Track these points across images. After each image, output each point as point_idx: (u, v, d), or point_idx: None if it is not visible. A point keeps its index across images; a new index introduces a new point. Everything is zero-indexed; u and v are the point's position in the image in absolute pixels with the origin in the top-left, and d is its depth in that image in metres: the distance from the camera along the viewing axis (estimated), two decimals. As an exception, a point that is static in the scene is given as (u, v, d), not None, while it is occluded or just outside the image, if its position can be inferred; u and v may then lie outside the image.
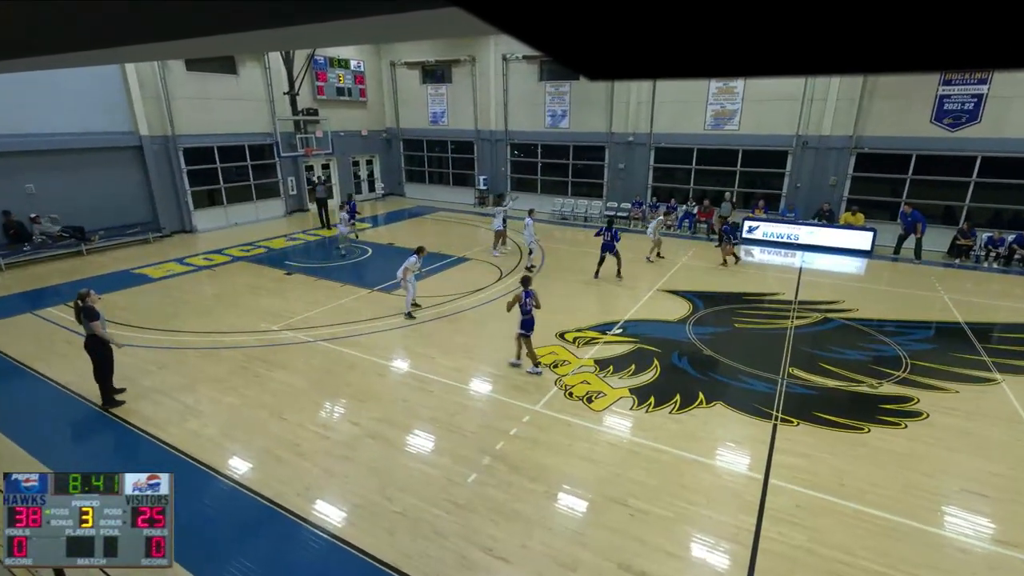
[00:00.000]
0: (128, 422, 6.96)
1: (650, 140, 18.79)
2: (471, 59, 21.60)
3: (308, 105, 20.66)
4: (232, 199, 18.95)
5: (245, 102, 18.73)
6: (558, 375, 8.09)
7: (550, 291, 12.02)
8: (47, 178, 14.45)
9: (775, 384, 7.87)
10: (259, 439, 6.58)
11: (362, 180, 24.49)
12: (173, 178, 17.11)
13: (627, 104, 18.90)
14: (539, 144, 21.33)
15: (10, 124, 13.62)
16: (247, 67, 18.74)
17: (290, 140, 19.81)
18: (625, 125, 19.10)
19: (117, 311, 10.64)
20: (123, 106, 15.76)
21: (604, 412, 7.10)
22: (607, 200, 20.07)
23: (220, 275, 13.38)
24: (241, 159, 19.09)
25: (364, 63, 22.96)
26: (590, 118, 19.79)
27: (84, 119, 14.95)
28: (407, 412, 7.15)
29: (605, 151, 19.84)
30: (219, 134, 18.07)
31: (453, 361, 8.59)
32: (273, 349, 9.12)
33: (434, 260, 14.40)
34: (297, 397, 7.56)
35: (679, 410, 7.15)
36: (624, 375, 8.06)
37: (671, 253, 15.33)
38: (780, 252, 15.73)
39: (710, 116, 17.67)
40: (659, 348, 8.99)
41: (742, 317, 10.43)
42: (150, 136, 16.31)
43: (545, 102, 20.59)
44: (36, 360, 8.65)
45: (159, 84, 16.30)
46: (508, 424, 6.83)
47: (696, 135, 17.95)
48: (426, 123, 23.79)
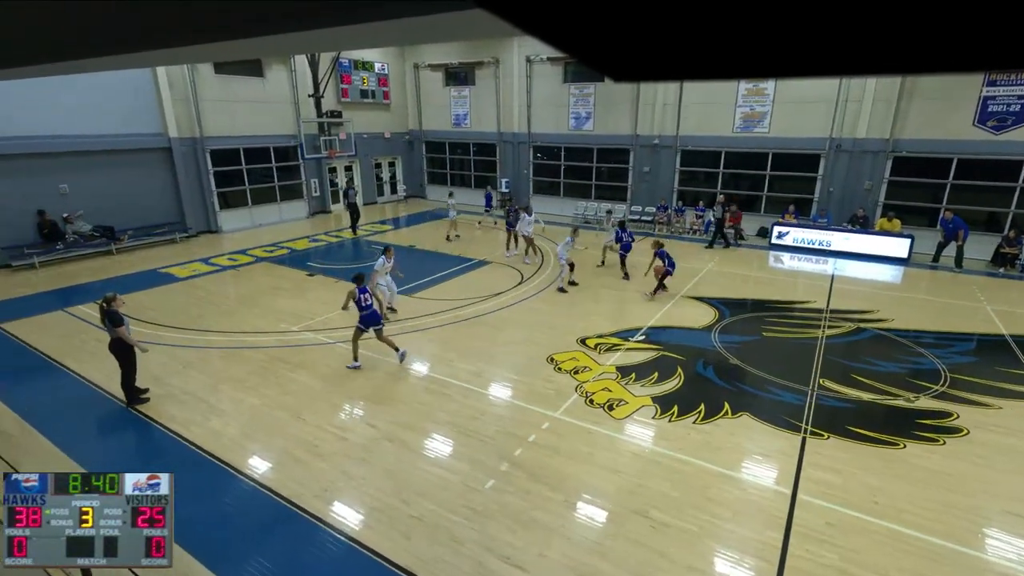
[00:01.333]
0: (153, 420, 7.15)
1: (676, 143, 18.61)
2: (495, 61, 21.73)
3: (332, 107, 21.04)
4: (256, 200, 19.39)
5: (271, 104, 19.17)
6: (578, 381, 8.04)
7: (571, 296, 11.97)
8: (79, 178, 15.00)
9: (805, 396, 7.69)
10: (278, 439, 6.69)
11: (384, 182, 24.80)
12: (200, 179, 17.59)
13: (653, 106, 18.76)
14: (562, 147, 21.30)
15: (46, 126, 14.19)
16: (273, 70, 19.18)
17: (314, 142, 20.18)
18: (651, 127, 18.96)
19: (145, 310, 10.96)
20: (153, 108, 16.28)
21: (626, 420, 7.03)
22: (631, 203, 19.93)
23: (243, 275, 13.68)
24: (266, 161, 19.53)
25: (388, 65, 23.29)
26: (615, 120, 19.70)
27: (116, 121, 15.49)
28: (424, 416, 7.19)
29: (630, 154, 19.71)
30: (245, 136, 18.52)
31: (472, 365, 8.62)
32: (293, 350, 9.27)
33: (454, 263, 14.48)
34: (316, 398, 7.67)
35: (704, 420, 7.04)
36: (647, 383, 7.98)
37: (697, 258, 15.12)
38: (811, 259, 15.39)
39: (739, 118, 17.42)
40: (683, 356, 8.88)
41: (770, 325, 10.24)
42: (179, 138, 16.81)
43: (569, 104, 20.57)
44: (67, 356, 8.96)
45: (188, 87, 16.80)
46: (527, 430, 6.81)
47: (724, 138, 17.71)
48: (449, 125, 23.99)
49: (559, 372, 8.35)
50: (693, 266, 14.31)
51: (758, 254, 15.78)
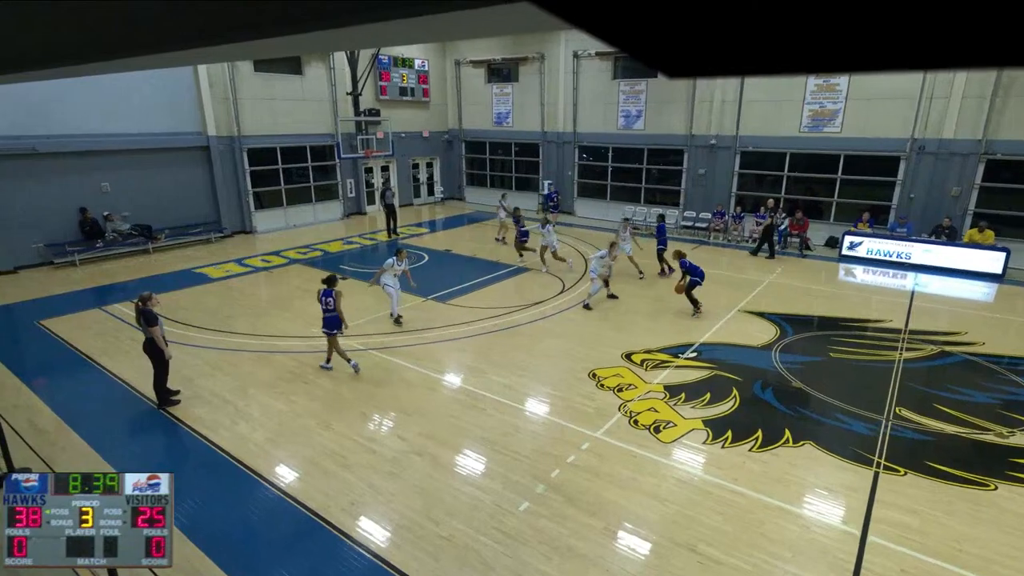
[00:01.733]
0: (182, 421, 7.47)
1: (736, 143, 18.21)
2: (539, 56, 21.87)
3: (370, 105, 21.64)
4: (291, 201, 20.10)
5: (308, 102, 19.89)
6: (623, 400, 7.93)
7: (617, 307, 11.84)
8: (120, 177, 15.94)
9: (878, 425, 7.35)
10: (305, 448, 6.87)
11: (421, 183, 25.26)
12: (236, 179, 18.40)
13: (710, 103, 18.45)
14: (610, 147, 21.19)
15: (89, 124, 15.17)
16: (312, 67, 19.91)
17: (350, 141, 20.79)
18: (708, 126, 18.63)
19: (179, 310, 11.50)
20: (193, 107, 17.17)
21: (673, 444, 6.90)
22: (684, 209, 19.59)
23: (276, 277, 14.18)
24: (302, 160, 20.24)
25: (428, 62, 23.79)
26: (668, 119, 19.47)
27: (157, 120, 16.41)
28: (456, 430, 7.24)
29: (684, 155, 19.42)
30: (282, 135, 19.27)
31: (507, 378, 8.63)
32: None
33: (491, 270, 14.57)
34: (344, 407, 7.84)
35: (760, 448, 6.82)
36: (698, 404, 7.81)
37: (757, 269, 14.71)
38: (887, 273, 14.73)
39: (807, 116, 16.91)
40: (739, 376, 8.66)
41: (839, 346, 9.87)
42: (217, 136, 17.64)
43: (619, 101, 20.46)
44: (102, 355, 9.50)
45: (228, 85, 17.63)
46: (565, 450, 6.76)
47: (790, 138, 17.22)
48: (490, 124, 24.26)
49: (601, 389, 8.27)
50: (752, 278, 13.95)
51: (826, 266, 15.27)
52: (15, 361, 9.40)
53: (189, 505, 5.83)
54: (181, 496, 5.87)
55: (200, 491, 6.08)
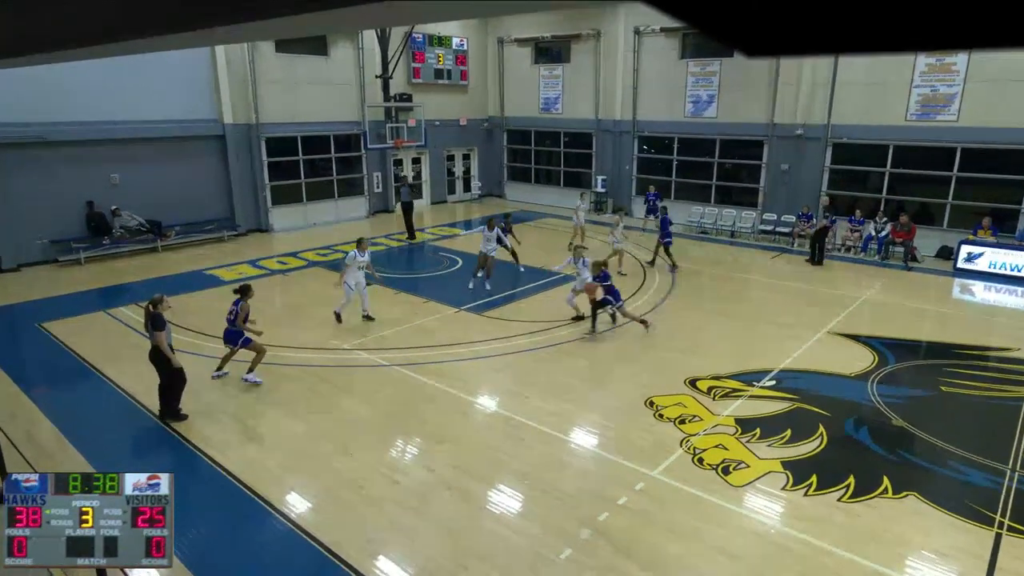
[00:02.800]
0: (188, 440, 7.75)
1: (827, 134, 17.75)
2: (595, 33, 21.91)
3: (401, 90, 22.14)
4: (312, 196, 20.72)
5: (334, 87, 20.50)
6: (685, 434, 7.81)
7: (681, 323, 11.68)
8: (129, 168, 16.80)
9: (1002, 477, 7.01)
10: (322, 476, 7.01)
11: (456, 178, 25.61)
12: (253, 171, 19.11)
13: (797, 86, 18.06)
14: (675, 137, 21.00)
15: (98, 111, 16.05)
16: (339, 47, 20.54)
17: (379, 130, 21.29)
18: (793, 114, 18.24)
19: (188, 315, 11.98)
20: (209, 92, 17.96)
21: (746, 489, 6.75)
22: (763, 210, 19.18)
23: (293, 281, 14.61)
24: (325, 151, 20.86)
25: (468, 41, 24.18)
26: (746, 105, 19.16)
27: (170, 106, 17.24)
28: (491, 462, 7.26)
29: (764, 147, 19.05)
30: (304, 123, 19.92)
31: (552, 404, 8.61)
32: (343, 371, 9.71)
33: (536, 278, 14.59)
34: (366, 430, 7.98)
35: (852, 498, 6.60)
36: (776, 442, 7.64)
37: (850, 283, 14.23)
38: (1015, 291, 14.07)
39: (915, 103, 16.35)
40: (827, 411, 8.43)
41: (953, 378, 9.51)
42: (233, 124, 18.40)
43: (686, 85, 20.28)
44: (104, 362, 9.98)
45: (247, 67, 18.37)
46: (616, 491, 6.69)
47: (894, 128, 16.67)
48: (536, 111, 24.42)
49: (660, 420, 8.17)
50: (844, 293, 13.55)
51: (937, 281, 14.76)
52: (14, 366, 9.97)
53: (193, 534, 6.03)
54: (183, 524, 6.07)
55: (205, 519, 6.28)
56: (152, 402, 8.40)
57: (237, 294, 9.01)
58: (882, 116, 16.84)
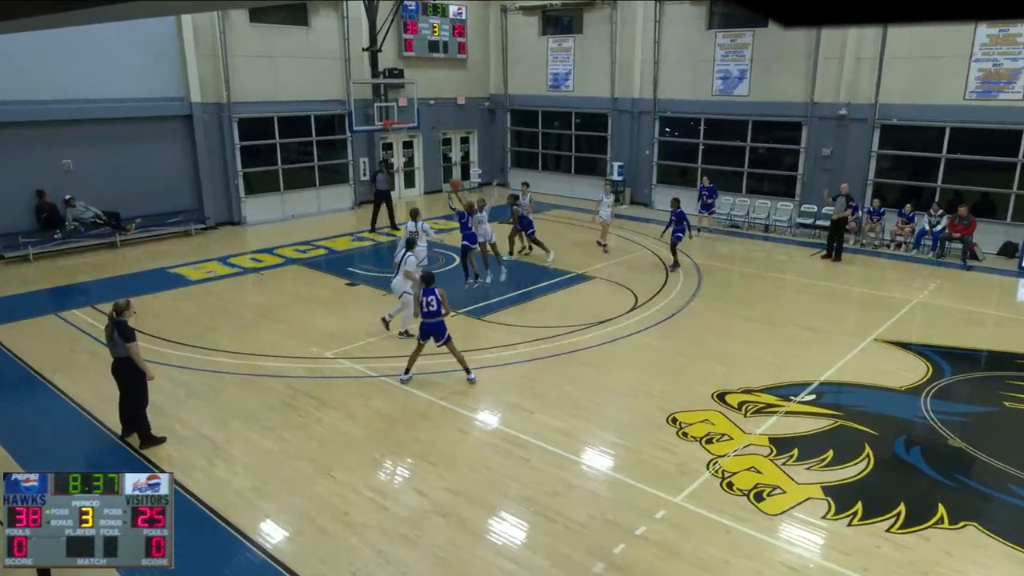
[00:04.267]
0: (148, 460, 7.76)
1: (874, 114, 17.72)
2: (610, 0, 21.91)
3: (392, 65, 22.17)
4: (290, 184, 20.76)
5: (315, 61, 20.55)
6: (713, 455, 7.80)
7: (707, 328, 11.66)
8: (83, 153, 16.82)
9: (1074, 504, 6.95)
10: (299, 500, 7.02)
11: (454, 164, 25.63)
12: (224, 156, 19.15)
13: (840, 61, 18.03)
14: (702, 118, 20.98)
15: (49, 89, 16.05)
16: (321, 16, 20.60)
17: (366, 110, 21.30)
18: (836, 92, 18.21)
19: (148, 318, 11.98)
20: (175, 67, 17.98)
21: (782, 517, 6.75)
22: (802, 201, 19.13)
23: (269, 281, 14.63)
24: (305, 133, 20.92)
25: (466, 9, 24.22)
26: (781, 82, 19.14)
27: (130, 83, 17.25)
28: (491, 485, 7.26)
29: (803, 130, 19.02)
30: (281, 102, 19.97)
31: (560, 420, 8.61)
32: (325, 382, 9.72)
33: (545, 277, 14.57)
34: (350, 449, 7.98)
35: (903, 528, 6.60)
36: (815, 465, 7.64)
37: (899, 284, 14.19)
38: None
39: (975, 79, 16.30)
40: (874, 429, 8.42)
41: (1018, 392, 9.53)
42: (202, 103, 18.43)
43: (715, 59, 20.26)
44: (55, 372, 10.01)
45: (218, 39, 18.40)
46: (633, 519, 6.68)
47: (950, 107, 16.63)
48: (544, 88, 24.43)
49: (684, 439, 8.17)
50: (894, 295, 13.57)
51: (1001, 282, 14.77)
52: (-46, 377, 10.00)
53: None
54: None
55: (167, 548, 6.27)
56: (109, 417, 8.41)
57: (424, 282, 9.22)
58: (936, 94, 16.78)
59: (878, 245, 17.29)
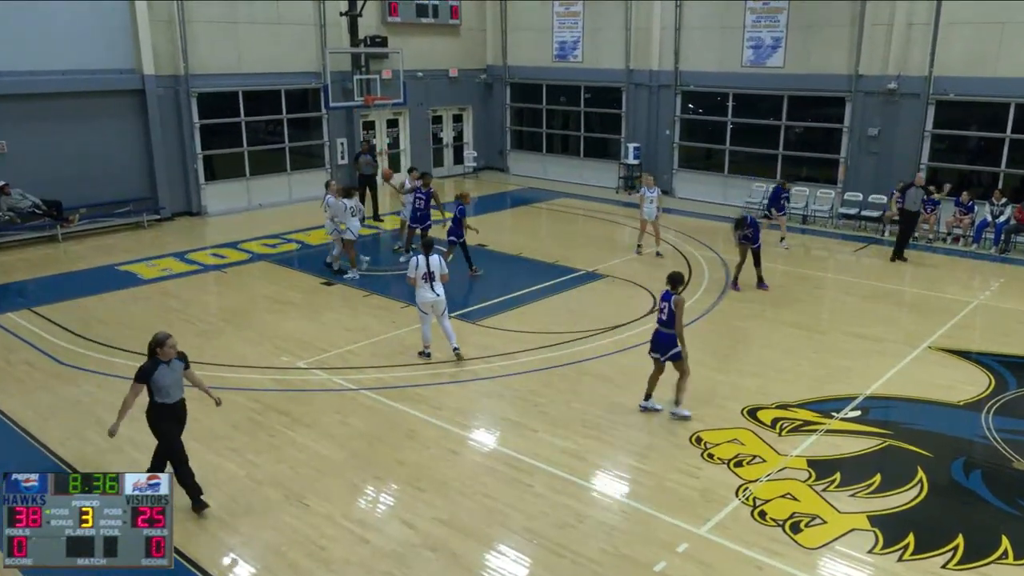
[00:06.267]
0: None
1: (928, 87, 17.75)
2: (626, -42, 21.95)
3: (374, 32, 22.16)
4: (258, 169, 20.77)
5: (285, 27, 20.55)
6: (743, 480, 7.80)
7: (737, 334, 11.65)
8: (19, 133, 16.77)
9: None
10: (267, 532, 6.99)
11: (445, 145, 25.63)
12: (181, 137, 19.15)
13: (889, 27, 18.07)
14: (730, 93, 21.02)
15: (-17, 59, 16.06)
16: (292, -24, 20.56)
17: (344, 84, 21.29)
18: (883, 63, 18.26)
19: (93, 323, 12.00)
20: (125, 34, 17.95)
21: (822, 551, 6.74)
22: (845, 189, 19.14)
23: (233, 280, 14.63)
24: (275, 111, 20.94)
25: (460, -33, 24.22)
26: (820, 51, 19.20)
27: (73, 53, 17.23)
28: (489, 515, 7.24)
29: (846, 106, 19.05)
30: (247, 74, 19.98)
31: (567, 440, 8.60)
32: (297, 396, 9.71)
33: (549, 276, 14.56)
34: (327, 473, 7.96)
35: (961, 564, 6.60)
36: (861, 491, 7.64)
37: (959, 284, 14.19)
38: None
39: (1044, 47, 16.32)
40: (928, 450, 8.44)
41: None
42: (156, 76, 18.41)
43: (744, 25, 20.30)
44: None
45: (174, 3, 18.35)
46: (652, 553, 6.67)
47: (1016, 80, 16.63)
48: (549, 59, 24.45)
49: (709, 461, 8.17)
50: (950, 296, 13.61)
51: (1073, 281, 14.67)
52: None
53: (100, 607, 6.02)
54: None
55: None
56: (49, 436, 8.38)
57: (668, 285, 8.91)
58: (999, 64, 16.82)
59: (932, 239, 17.29)
